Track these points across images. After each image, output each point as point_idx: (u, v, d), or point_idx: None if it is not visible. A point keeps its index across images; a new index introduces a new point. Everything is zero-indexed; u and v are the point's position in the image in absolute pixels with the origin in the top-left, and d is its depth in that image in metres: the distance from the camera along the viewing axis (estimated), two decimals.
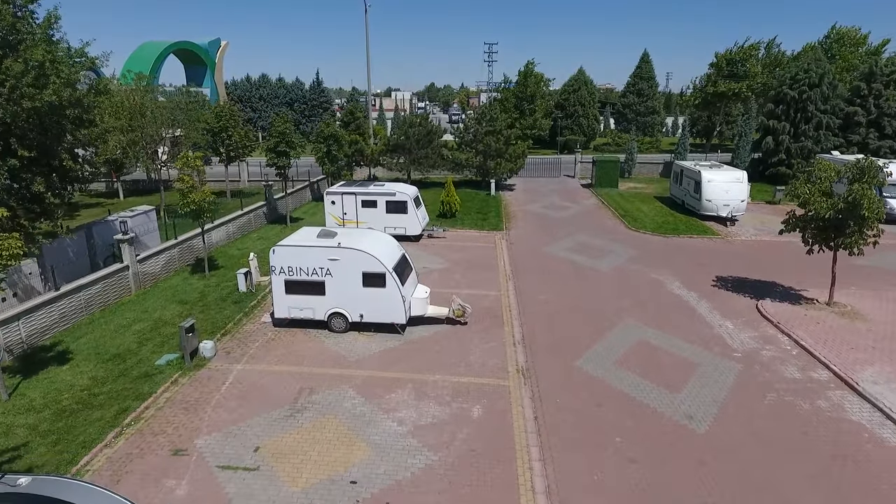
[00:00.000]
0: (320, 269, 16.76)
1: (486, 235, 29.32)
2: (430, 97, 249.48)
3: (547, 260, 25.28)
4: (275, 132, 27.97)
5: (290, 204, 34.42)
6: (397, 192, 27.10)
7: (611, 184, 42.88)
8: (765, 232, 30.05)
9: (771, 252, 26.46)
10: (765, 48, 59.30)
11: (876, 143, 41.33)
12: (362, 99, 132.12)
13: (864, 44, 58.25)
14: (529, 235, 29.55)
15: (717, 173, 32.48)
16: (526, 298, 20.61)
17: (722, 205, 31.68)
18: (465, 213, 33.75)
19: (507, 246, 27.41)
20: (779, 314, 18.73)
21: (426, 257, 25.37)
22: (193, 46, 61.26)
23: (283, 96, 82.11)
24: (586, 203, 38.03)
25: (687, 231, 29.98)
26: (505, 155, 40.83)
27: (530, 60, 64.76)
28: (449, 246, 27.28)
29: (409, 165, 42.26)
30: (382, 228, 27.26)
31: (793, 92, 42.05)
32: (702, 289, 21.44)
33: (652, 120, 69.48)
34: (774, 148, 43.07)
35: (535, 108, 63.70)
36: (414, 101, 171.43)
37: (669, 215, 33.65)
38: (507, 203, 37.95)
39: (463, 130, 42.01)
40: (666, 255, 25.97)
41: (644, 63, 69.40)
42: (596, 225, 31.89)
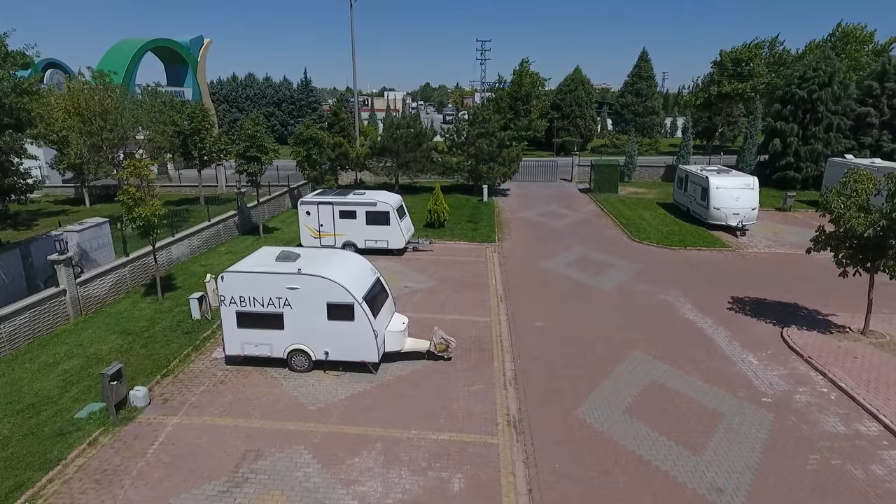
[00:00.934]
0: (278, 299, 14.28)
1: (476, 248, 26.87)
2: (425, 97, 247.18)
3: (543, 277, 22.85)
4: (244, 135, 25.46)
5: (265, 212, 31.90)
6: (378, 201, 24.61)
7: (610, 189, 40.53)
8: (779, 243, 27.72)
9: (788, 267, 24.11)
10: (768, 47, 57.09)
11: (890, 146, 39.11)
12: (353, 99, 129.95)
13: (870, 42, 56.15)
14: (524, 248, 27.12)
15: (726, 179, 30.15)
16: (519, 325, 18.18)
17: (731, 213, 29.34)
18: (455, 222, 31.30)
19: (499, 260, 24.98)
20: (808, 345, 16.36)
21: (409, 274, 22.91)
22: (173, 44, 58.56)
23: (271, 96, 79.55)
24: (585, 210, 35.64)
25: (695, 243, 27.60)
26: (498, 158, 38.41)
27: (525, 59, 62.39)
28: (436, 261, 24.82)
29: (397, 170, 39.78)
30: (362, 241, 24.88)
31: (801, 92, 39.78)
32: (717, 313, 19.05)
33: (651, 121, 67.24)
34: (782, 150, 40.79)
35: (531, 108, 61.29)
36: (408, 102, 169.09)
37: (674, 224, 31.28)
38: (501, 210, 35.52)
39: (454, 132, 39.57)
40: (674, 270, 23.59)
41: (643, 62, 67.14)
42: (596, 235, 29.49)
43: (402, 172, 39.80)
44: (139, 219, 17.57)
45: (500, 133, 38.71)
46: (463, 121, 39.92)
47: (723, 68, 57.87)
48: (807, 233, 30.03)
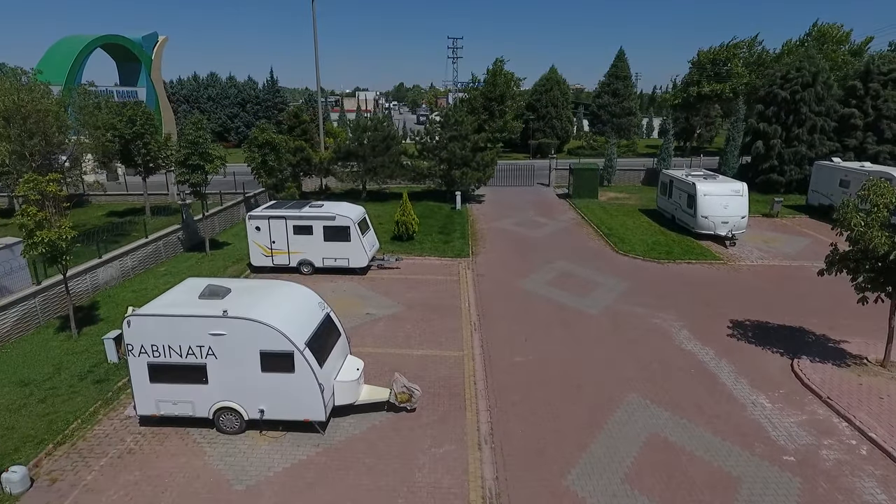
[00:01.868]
0: (199, 347, 11.58)
1: (448, 264, 24.40)
2: (399, 97, 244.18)
3: (522, 299, 20.50)
4: (184, 141, 22.53)
5: (216, 225, 28.96)
6: (337, 214, 21.95)
7: (590, 194, 38.52)
8: (771, 254, 25.91)
9: (786, 283, 22.23)
10: (747, 47, 55.98)
11: (875, 148, 37.92)
12: (324, 99, 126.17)
13: (846, 41, 55.47)
14: (500, 263, 24.76)
15: (714, 185, 28.28)
16: (496, 360, 15.78)
17: (720, 222, 27.46)
18: (425, 233, 28.78)
19: (473, 278, 22.56)
20: (825, 382, 14.31)
21: (373, 298, 20.33)
22: (124, 41, 54.70)
23: (234, 96, 76.03)
24: (564, 218, 33.48)
25: (683, 255, 25.61)
26: (472, 163, 36.05)
27: (499, 58, 60.24)
28: (403, 280, 22.28)
29: (364, 175, 37.09)
30: (320, 260, 22.21)
31: (784, 92, 38.36)
32: (717, 341, 16.94)
33: (628, 121, 65.73)
34: (765, 153, 39.33)
35: (506, 109, 59.15)
36: (381, 102, 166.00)
37: (660, 233, 29.29)
38: (475, 219, 33.13)
39: (425, 135, 37.06)
40: (664, 288, 21.48)
41: (620, 61, 65.57)
42: (578, 247, 27.30)
43: (370, 178, 37.13)
44: (41, 244, 14.64)
45: (473, 136, 36.35)
46: (434, 123, 37.44)
47: (701, 69, 56.58)
48: (798, 241, 28.47)
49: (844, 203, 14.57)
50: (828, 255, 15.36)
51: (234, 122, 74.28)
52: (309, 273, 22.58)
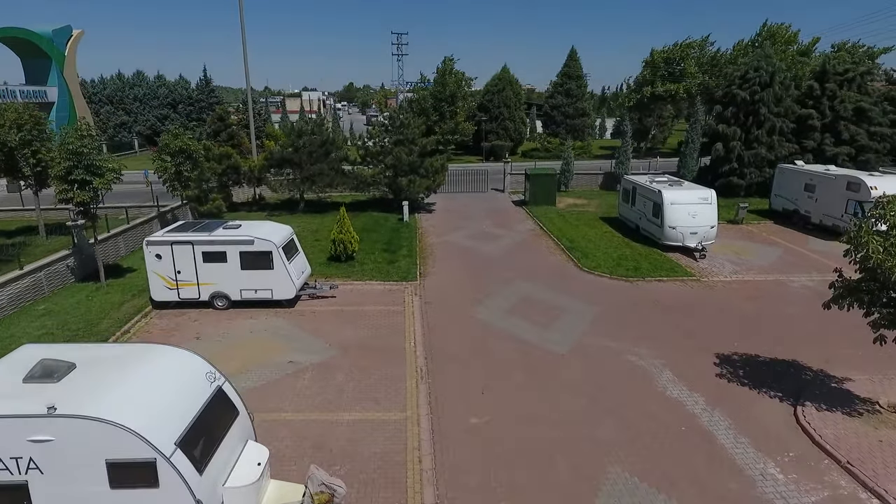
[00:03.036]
0: (15, 460, 8.01)
1: (392, 290, 21.19)
2: (349, 98, 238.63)
3: (477, 333, 17.54)
4: (63, 152, 18.45)
5: (121, 247, 24.82)
6: (256, 237, 18.39)
7: (548, 201, 36.10)
8: (744, 267, 23.94)
9: (766, 303, 20.13)
10: (699, 47, 55.16)
11: (832, 150, 37.03)
12: (272, 99, 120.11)
13: (795, 41, 55.40)
14: (452, 286, 21.76)
15: (680, 193, 26.17)
16: (447, 423, 12.74)
17: (689, 233, 25.36)
18: (368, 251, 25.48)
19: (420, 308, 19.46)
20: (839, 439, 11.93)
21: (299, 339, 16.91)
22: (29, 35, 48.97)
23: (165, 97, 70.24)
24: (522, 229, 30.81)
25: (653, 270, 23.29)
26: (420, 170, 32.95)
27: (449, 57, 57.41)
28: (338, 313, 18.94)
29: (301, 184, 33.39)
30: (237, 292, 18.62)
31: (743, 93, 37.00)
32: (706, 384, 14.44)
33: (582, 122, 64.11)
34: (725, 155, 37.93)
35: (457, 110, 56.41)
36: (329, 102, 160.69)
37: (625, 245, 26.98)
38: (425, 232, 30.03)
39: (367, 139, 33.69)
40: (638, 314, 18.97)
41: (572, 60, 63.87)
42: (538, 264, 24.61)
43: (307, 187, 33.45)
44: None
45: (421, 139, 33.26)
46: (378, 126, 34.13)
47: (655, 68, 55.40)
48: (769, 251, 26.73)
49: (857, 224, 12.22)
50: (835, 284, 13.01)
51: (164, 124, 68.51)
52: (224, 307, 18.93)
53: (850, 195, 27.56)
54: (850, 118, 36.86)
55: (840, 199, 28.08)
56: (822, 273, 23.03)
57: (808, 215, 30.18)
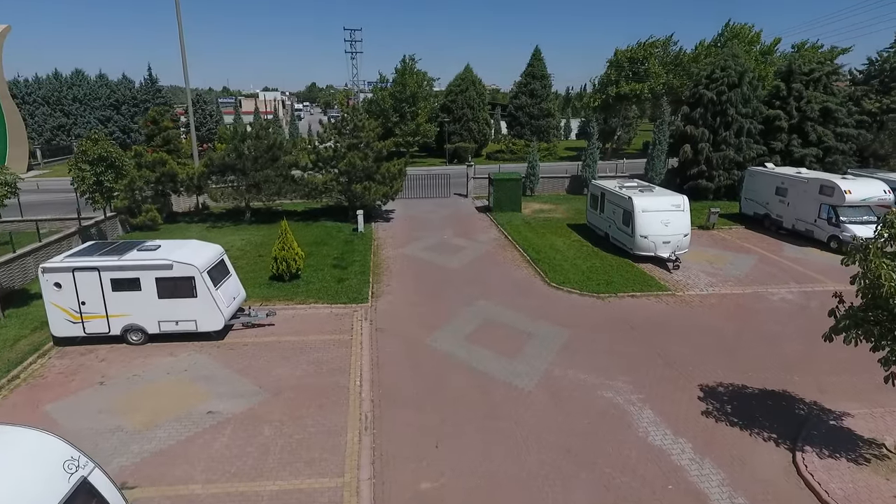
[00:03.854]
0: None
1: (340, 315, 18.87)
2: (311, 98, 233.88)
3: (433, 367, 15.41)
4: None
5: (28, 271, 21.73)
6: (176, 261, 15.83)
7: (513, 207, 34.27)
8: (720, 279, 22.50)
9: (746, 320, 18.62)
10: (662, 46, 54.37)
11: (800, 151, 36.30)
12: (227, 100, 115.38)
13: (757, 41, 55.17)
14: (407, 308, 19.58)
15: (652, 199, 24.63)
16: (393, 490, 10.58)
17: (661, 242, 23.82)
18: (316, 268, 23.09)
19: (370, 336, 17.22)
20: (849, 497, 10.23)
21: (224, 381, 14.47)
22: None
23: (107, 97, 65.90)
24: (485, 238, 28.83)
25: (625, 285, 21.61)
26: (375, 175, 30.64)
27: (410, 56, 55.22)
28: (275, 345, 16.53)
29: (246, 192, 30.66)
30: (155, 324, 16.07)
31: (711, 93, 35.95)
32: (691, 425, 12.65)
33: (547, 123, 62.70)
34: (693, 157, 36.83)
35: (418, 111, 54.24)
36: (289, 102, 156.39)
37: (594, 256, 25.29)
38: (381, 243, 27.75)
39: (318, 144, 31.20)
40: (612, 339, 17.16)
41: (536, 60, 62.34)
42: (502, 279, 22.64)
43: (253, 196, 30.75)
44: None
45: (377, 143, 30.95)
46: (330, 129, 31.67)
47: (619, 68, 54.37)
48: (743, 260, 25.42)
49: (864, 245, 10.55)
50: (836, 312, 11.30)
51: (106, 126, 64.29)
52: (140, 342, 16.29)
53: (823, 199, 26.54)
54: (817, 119, 36.19)
55: (813, 203, 27.05)
56: (800, 283, 21.79)
57: (780, 220, 29.13)
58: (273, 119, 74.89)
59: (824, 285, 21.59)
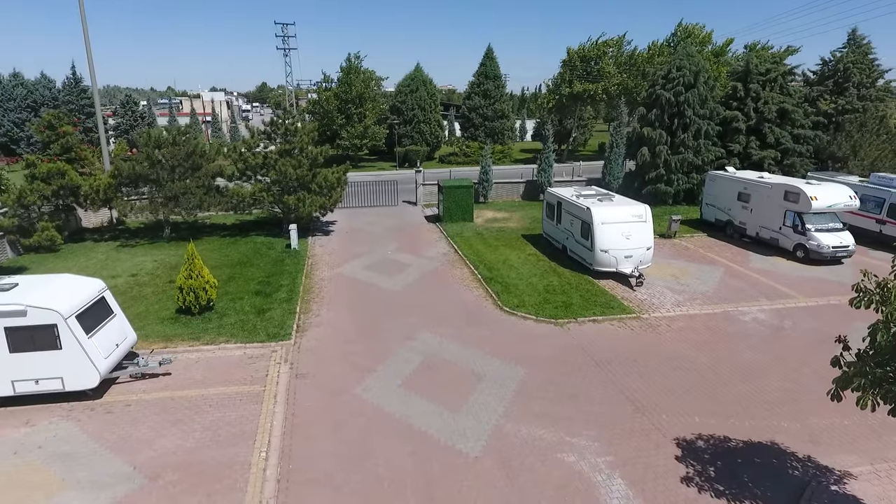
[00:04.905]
0: None
1: (254, 357, 15.87)
2: (262, 98, 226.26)
3: (361, 427, 12.66)
4: None
5: None
6: (32, 305, 12.52)
7: (464, 216, 31.80)
8: (686, 295, 20.60)
9: (718, 345, 16.65)
10: (615, 46, 53.08)
11: (759, 153, 35.22)
12: (163, 101, 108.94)
13: (709, 42, 54.58)
14: (337, 345, 16.74)
15: (612, 210, 22.57)
16: None
17: (623, 256, 21.76)
18: (236, 295, 19.99)
19: (288, 385, 14.33)
20: None
21: (87, 461, 11.32)
22: None
23: (23, 98, 60.12)
24: (433, 253, 26.21)
25: (586, 307, 19.39)
26: (311, 185, 27.59)
27: (355, 53, 52.10)
28: (164, 404, 13.43)
29: (162, 206, 27.07)
30: (7, 385, 12.73)
31: (668, 93, 34.42)
32: (670, 498, 10.36)
33: (501, 125, 60.66)
34: (651, 160, 35.24)
35: (365, 112, 51.22)
36: (236, 104, 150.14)
37: (552, 272, 23.04)
38: (315, 262, 24.75)
39: (245, 150, 27.88)
40: (571, 377, 14.81)
41: (489, 59, 60.20)
42: (450, 304, 20.05)
43: (170, 209, 27.18)
44: None
45: (312, 149, 27.90)
46: (259, 133, 28.41)
47: (573, 68, 52.77)
48: (709, 273, 23.65)
49: (882, 285, 8.41)
50: (840, 361, 9.13)
51: (23, 129, 58.62)
52: None
53: (788, 206, 25.11)
54: (774, 120, 35.20)
55: (777, 209, 25.61)
56: (771, 300, 20.10)
57: (744, 227, 27.65)
58: (212, 121, 70.35)
59: (796, 301, 19.99)
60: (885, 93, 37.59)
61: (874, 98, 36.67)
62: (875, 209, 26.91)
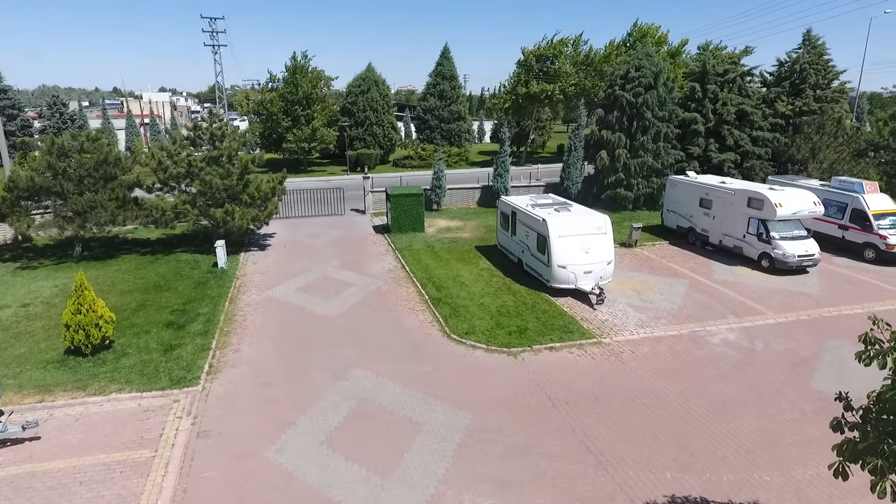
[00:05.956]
0: None
1: (149, 412, 13.27)
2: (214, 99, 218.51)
3: (267, 501, 10.31)
4: None
5: None
6: None
7: (414, 226, 29.59)
8: (650, 314, 18.96)
9: (686, 375, 14.97)
10: (572, 45, 51.84)
11: (718, 156, 34.32)
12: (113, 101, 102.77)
13: (665, 42, 53.98)
14: (253, 392, 14.26)
15: (570, 221, 20.79)
16: None
17: (582, 272, 20.00)
18: (142, 329, 17.27)
19: (185, 448, 11.83)
20: None
21: None
22: None
23: None
24: (378, 270, 23.91)
25: (542, 331, 17.48)
26: (242, 196, 24.90)
27: (303, 52, 49.21)
28: (20, 484, 10.74)
29: (68, 222, 23.86)
30: None
31: (627, 94, 33.07)
32: None
33: (458, 127, 58.78)
34: (611, 164, 33.87)
35: (313, 114, 48.44)
36: (187, 105, 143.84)
37: (506, 290, 21.09)
38: (244, 283, 22.11)
39: (165, 158, 24.94)
40: (524, 424, 12.81)
41: (445, 59, 58.27)
42: (392, 332, 17.81)
43: (80, 225, 23.99)
44: None
45: (243, 156, 25.19)
46: (182, 140, 25.52)
47: (528, 68, 51.26)
48: (673, 286, 22.15)
49: (873, 343, 6.61)
50: (844, 423, 7.35)
51: None
52: None
53: (752, 213, 23.91)
54: (733, 122, 34.34)
55: (741, 216, 24.40)
56: (739, 317, 18.68)
57: (706, 234, 26.39)
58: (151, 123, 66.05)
59: (764, 317, 18.62)
60: (840, 94, 37.28)
61: (829, 99, 36.27)
62: (837, 214, 26.03)
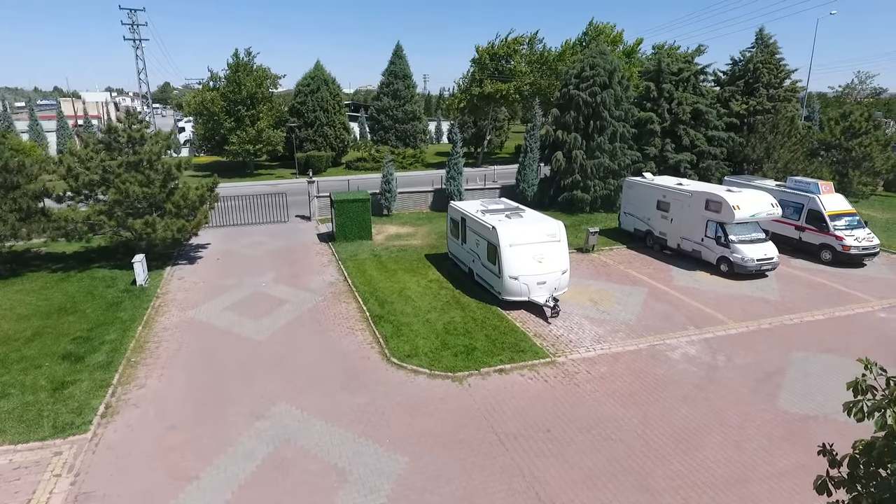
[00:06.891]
0: None
1: (20, 469, 11.07)
2: (164, 99, 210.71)
3: None
4: None
5: None
6: None
7: (360, 234, 27.72)
8: (608, 327, 17.71)
9: (646, 398, 13.70)
10: (527, 44, 50.78)
11: (675, 157, 33.67)
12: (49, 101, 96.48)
13: (620, 41, 53.53)
14: (154, 439, 12.20)
15: (521, 229, 19.35)
16: None
17: (535, 283, 18.60)
18: (31, 364, 14.92)
19: None
20: None
21: None
22: None
23: None
24: (318, 284, 21.96)
25: (491, 350, 15.98)
26: (166, 205, 22.57)
27: (246, 49, 46.52)
28: None
29: None
30: None
31: (583, 94, 32.03)
32: None
33: (413, 127, 57.06)
34: (567, 166, 32.79)
35: (259, 114, 45.89)
36: (133, 105, 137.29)
37: (455, 304, 19.50)
38: (165, 302, 19.84)
39: (76, 163, 22.35)
40: (467, 469, 11.21)
41: (398, 58, 56.47)
42: (325, 357, 15.96)
43: None
44: None
45: (166, 161, 22.87)
46: (95, 144, 22.97)
47: (483, 66, 49.98)
48: (631, 295, 21.05)
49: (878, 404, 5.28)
50: (830, 486, 6.01)
51: None
52: None
53: (710, 216, 23.05)
54: (689, 121, 33.76)
55: (699, 220, 23.52)
56: (699, 328, 17.65)
57: (664, 238, 25.47)
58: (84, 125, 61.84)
59: (725, 327, 17.64)
60: (792, 93, 37.28)
61: (782, 98, 36.18)
62: (794, 215, 25.52)
